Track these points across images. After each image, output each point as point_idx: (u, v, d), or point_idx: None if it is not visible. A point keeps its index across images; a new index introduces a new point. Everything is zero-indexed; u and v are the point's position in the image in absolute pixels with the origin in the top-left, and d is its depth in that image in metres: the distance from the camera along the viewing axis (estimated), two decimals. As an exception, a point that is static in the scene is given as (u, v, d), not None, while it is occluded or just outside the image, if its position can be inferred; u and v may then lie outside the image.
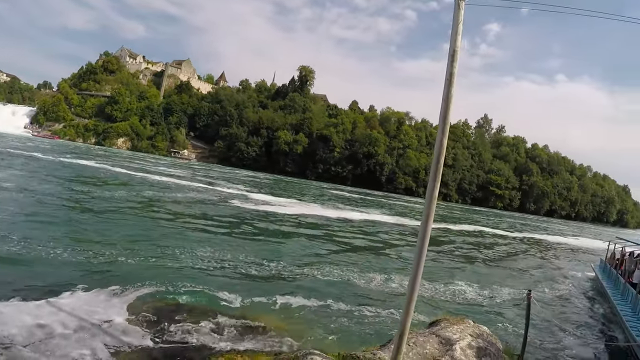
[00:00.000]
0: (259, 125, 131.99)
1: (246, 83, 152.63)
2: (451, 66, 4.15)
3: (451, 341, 6.43)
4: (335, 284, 13.32)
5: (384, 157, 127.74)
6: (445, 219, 53.01)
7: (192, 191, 35.27)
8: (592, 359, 11.11)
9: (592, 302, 17.76)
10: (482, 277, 18.81)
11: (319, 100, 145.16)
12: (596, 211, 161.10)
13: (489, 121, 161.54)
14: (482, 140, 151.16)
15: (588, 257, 34.04)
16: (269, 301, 10.49)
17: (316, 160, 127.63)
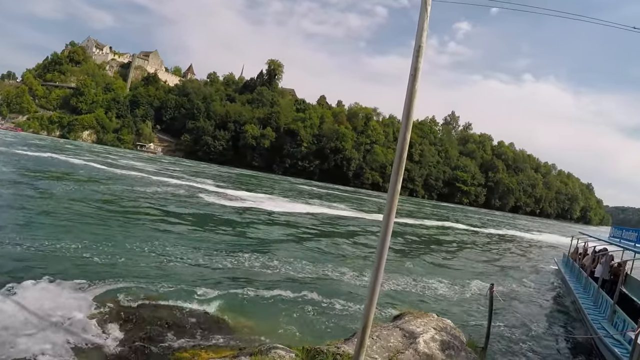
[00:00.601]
0: (226, 119, 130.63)
1: (214, 76, 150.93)
2: (416, 62, 4.00)
3: (415, 334, 6.50)
4: (302, 279, 13.18)
5: (351, 153, 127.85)
6: (413, 215, 52.83)
7: (160, 186, 34.41)
8: (554, 351, 11.10)
9: (555, 296, 17.88)
10: (447, 272, 18.83)
11: (287, 95, 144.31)
12: (560, 208, 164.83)
13: (456, 118, 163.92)
14: (449, 137, 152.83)
15: (552, 252, 34.10)
16: (235, 296, 10.36)
17: (283, 154, 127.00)
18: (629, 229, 14.99)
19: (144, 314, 8.07)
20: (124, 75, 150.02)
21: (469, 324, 11.49)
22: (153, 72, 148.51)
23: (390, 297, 12.79)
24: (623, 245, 14.11)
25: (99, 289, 9.07)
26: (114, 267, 10.93)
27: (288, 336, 8.26)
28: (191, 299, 9.50)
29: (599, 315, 11.52)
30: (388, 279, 14.83)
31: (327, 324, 9.65)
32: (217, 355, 6.23)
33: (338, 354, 5.28)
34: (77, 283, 9.16)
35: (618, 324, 10.06)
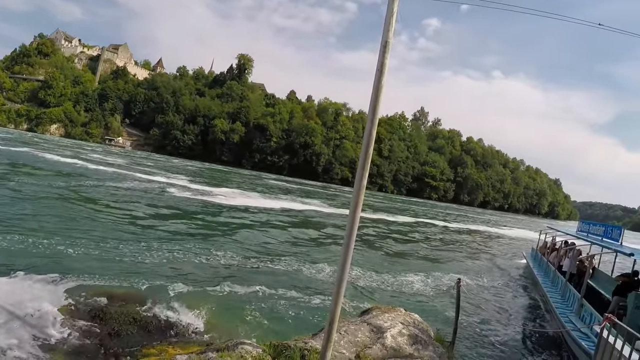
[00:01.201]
0: (195, 113, 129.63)
1: (184, 70, 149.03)
2: (383, 57, 4.05)
3: (382, 329, 6.47)
4: (272, 274, 13.16)
5: (321, 148, 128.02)
6: (382, 210, 53.03)
7: (130, 181, 33.91)
8: (523, 345, 11.14)
9: (523, 290, 18.00)
10: (415, 267, 18.84)
11: (257, 89, 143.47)
12: (528, 203, 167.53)
13: (426, 114, 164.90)
14: (418, 133, 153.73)
15: (521, 246, 34.05)
16: (204, 292, 10.30)
17: (252, 149, 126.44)
18: (595, 224, 15.39)
19: (112, 310, 8.00)
20: (93, 68, 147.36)
21: (437, 318, 11.55)
22: (122, 65, 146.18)
23: (358, 292, 12.89)
24: (590, 240, 14.41)
25: (67, 285, 9.00)
26: (84, 263, 10.81)
27: (257, 332, 8.31)
28: (160, 294, 9.44)
29: (567, 309, 11.58)
30: (356, 274, 14.90)
31: (296, 319, 9.70)
32: (185, 351, 6.22)
33: (305, 349, 5.28)
34: (45, 278, 9.09)
35: (585, 318, 10.14)
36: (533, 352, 10.67)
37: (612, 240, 13.03)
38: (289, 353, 5.15)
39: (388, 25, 3.98)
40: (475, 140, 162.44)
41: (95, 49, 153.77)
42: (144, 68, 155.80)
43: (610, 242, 13.00)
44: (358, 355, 5.62)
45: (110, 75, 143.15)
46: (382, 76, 4.05)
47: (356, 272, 15.11)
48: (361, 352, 5.70)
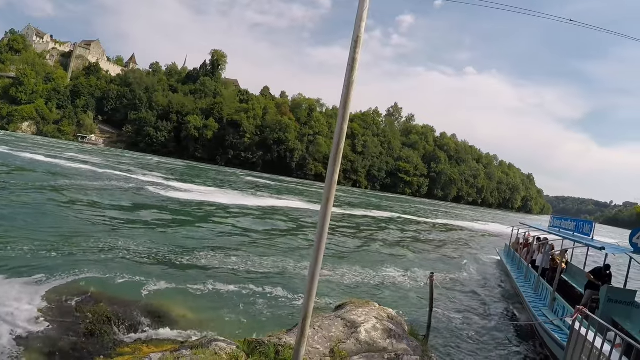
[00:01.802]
0: (168, 110, 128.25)
1: (157, 66, 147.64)
2: (354, 52, 4.08)
3: (356, 324, 6.48)
4: (246, 271, 13.14)
5: (295, 144, 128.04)
6: (355, 205, 53.33)
7: (106, 179, 33.46)
8: (497, 338, 11.20)
9: (497, 285, 18.12)
10: (390, 261, 18.87)
11: (231, 85, 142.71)
12: (502, 198, 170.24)
13: (399, 110, 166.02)
14: (392, 129, 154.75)
15: (494, 241, 34.44)
16: (179, 289, 10.27)
17: (226, 146, 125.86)
18: (567, 219, 15.41)
19: (86, 309, 7.91)
20: (65, 65, 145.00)
21: (411, 312, 11.68)
22: (95, 61, 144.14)
23: (333, 287, 12.94)
24: (562, 235, 14.46)
25: (40, 285, 8.95)
26: (57, 263, 10.69)
27: (231, 328, 8.31)
28: (135, 293, 9.44)
29: (540, 303, 11.75)
30: (331, 270, 14.97)
31: (270, 315, 9.74)
32: (159, 349, 6.15)
33: (280, 345, 5.30)
34: (17, 279, 9.04)
35: (558, 311, 10.29)
36: (507, 345, 10.81)
37: (583, 234, 13.06)
38: (263, 349, 5.17)
39: (359, 21, 4.04)
40: (449, 136, 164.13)
41: (67, 45, 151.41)
42: (116, 64, 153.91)
43: (582, 236, 13.01)
44: (332, 351, 5.67)
45: (83, 72, 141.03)
46: (353, 71, 4.11)
47: (329, 267, 15.21)
48: (335, 347, 5.75)
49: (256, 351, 5.13)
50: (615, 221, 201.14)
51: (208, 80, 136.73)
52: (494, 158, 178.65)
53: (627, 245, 10.25)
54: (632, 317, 9.84)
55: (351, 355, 5.65)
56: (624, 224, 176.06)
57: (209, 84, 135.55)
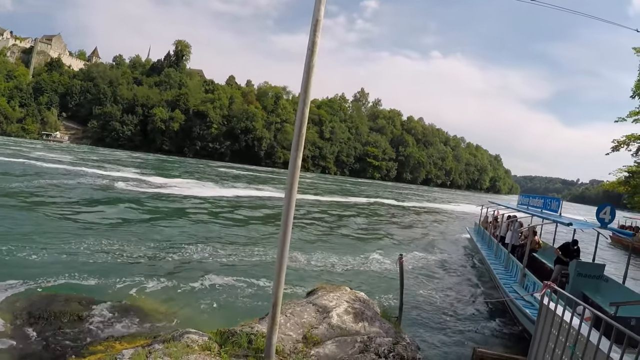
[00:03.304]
0: (133, 103, 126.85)
1: (120, 59, 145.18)
2: (313, 36, 4.01)
3: (328, 309, 6.51)
4: (217, 262, 13.08)
5: (262, 132, 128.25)
6: (325, 191, 53.54)
7: (74, 177, 32.58)
8: (469, 316, 11.30)
9: (468, 264, 18.24)
10: (362, 245, 19.13)
11: (195, 76, 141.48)
12: (470, 179, 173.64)
13: (366, 95, 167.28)
14: (359, 114, 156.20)
15: (464, 221, 34.42)
16: (152, 285, 10.17)
17: (193, 137, 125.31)
18: (535, 196, 15.59)
19: (57, 310, 7.78)
20: (26, 61, 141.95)
21: (383, 294, 11.67)
22: (57, 57, 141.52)
23: (305, 274, 12.96)
24: (531, 212, 14.62)
25: (10, 287, 8.81)
26: (29, 263, 10.60)
27: (205, 320, 8.29)
28: (106, 290, 9.37)
29: (511, 279, 11.83)
30: (302, 256, 15.00)
31: (243, 304, 9.72)
32: (131, 345, 6.09)
33: (252, 334, 5.30)
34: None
35: (528, 286, 10.40)
36: (480, 322, 10.85)
37: (551, 211, 13.26)
38: (236, 339, 5.17)
39: (319, 4, 4.01)
40: (416, 120, 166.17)
41: (28, 40, 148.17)
42: (79, 59, 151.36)
43: (549, 213, 13.19)
44: (305, 337, 5.68)
45: (45, 68, 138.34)
46: (314, 55, 4.06)
47: (302, 254, 15.25)
48: (308, 332, 5.77)
49: (229, 341, 5.14)
50: (583, 198, 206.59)
51: (173, 72, 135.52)
52: (462, 140, 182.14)
53: (594, 220, 10.55)
54: (602, 290, 10.16)
55: (324, 340, 5.68)
56: (590, 201, 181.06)
57: (173, 75, 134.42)
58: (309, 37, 4.03)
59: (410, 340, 6.32)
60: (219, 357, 4.74)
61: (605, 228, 10.38)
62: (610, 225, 10.59)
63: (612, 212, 10.05)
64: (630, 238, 14.39)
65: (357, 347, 5.43)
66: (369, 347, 5.47)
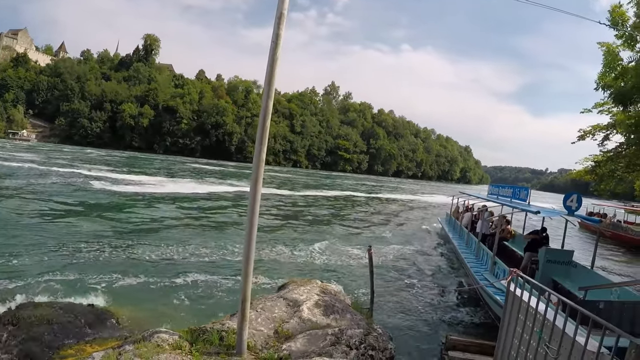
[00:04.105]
0: (102, 99, 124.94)
1: (88, 54, 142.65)
2: (278, 29, 4.01)
3: (298, 302, 6.55)
4: (186, 261, 12.96)
5: (233, 127, 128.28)
6: (296, 185, 53.68)
7: (43, 177, 31.70)
8: (441, 305, 11.43)
9: (440, 253, 18.43)
10: (334, 238, 19.01)
11: (165, 70, 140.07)
12: (441, 170, 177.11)
13: (337, 88, 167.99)
14: (329, 107, 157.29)
15: (435, 211, 34.97)
16: (120, 286, 10.06)
17: (163, 133, 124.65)
18: (504, 186, 15.60)
19: (25, 315, 7.52)
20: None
21: (354, 286, 11.77)
22: (22, 52, 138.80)
23: (277, 268, 12.99)
24: (500, 202, 14.59)
25: None
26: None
27: (176, 320, 8.15)
28: (76, 293, 9.16)
29: (481, 268, 11.86)
30: (275, 250, 15.13)
31: (214, 302, 9.71)
32: (102, 347, 6.08)
33: (223, 331, 5.31)
34: None
35: (499, 274, 10.38)
36: (452, 311, 11.00)
37: (520, 200, 13.30)
38: (207, 336, 5.18)
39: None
40: (387, 112, 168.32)
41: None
42: (46, 54, 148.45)
43: (518, 202, 13.23)
44: (276, 331, 5.73)
45: (10, 64, 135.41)
46: (277, 48, 4.02)
47: (274, 248, 15.39)
48: (279, 327, 5.82)
49: (200, 339, 5.15)
50: (552, 187, 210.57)
51: (142, 66, 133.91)
52: (432, 132, 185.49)
53: (562, 208, 10.55)
54: (571, 276, 10.41)
55: (295, 335, 5.70)
56: (559, 190, 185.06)
57: (142, 70, 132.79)
58: (273, 29, 4.03)
59: (382, 330, 6.42)
60: (190, 355, 4.77)
61: (573, 215, 10.43)
62: (579, 213, 10.69)
63: (578, 199, 10.11)
64: (597, 224, 15.40)
65: (329, 340, 5.48)
66: (340, 340, 5.52)
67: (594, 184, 19.32)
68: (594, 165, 17.48)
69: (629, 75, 11.86)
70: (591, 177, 17.91)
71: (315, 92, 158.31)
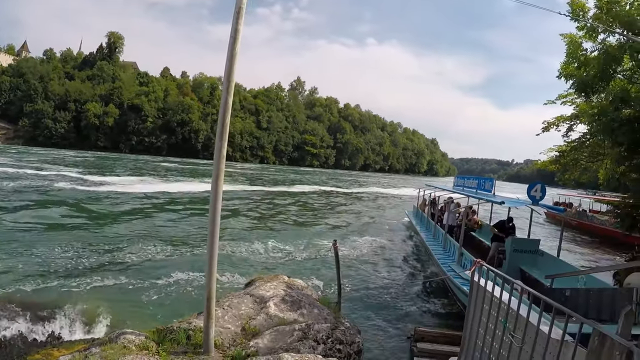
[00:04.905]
0: (66, 99, 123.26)
1: (51, 53, 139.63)
2: (236, 23, 4.00)
3: (265, 299, 6.58)
4: (153, 260, 12.94)
5: (199, 124, 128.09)
6: (263, 181, 54.05)
7: (14, 180, 30.98)
8: (409, 297, 11.55)
9: (407, 245, 18.78)
10: (301, 234, 19.31)
11: (129, 68, 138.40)
12: (408, 163, 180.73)
13: (302, 83, 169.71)
14: (295, 102, 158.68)
15: (403, 204, 35.02)
16: (87, 289, 9.93)
17: (129, 132, 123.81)
18: (469, 177, 15.72)
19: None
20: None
21: (322, 281, 11.82)
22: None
23: (243, 265, 13.03)
24: (466, 193, 14.64)
25: None
26: None
27: (144, 321, 8.09)
28: (44, 296, 9.11)
29: (449, 259, 11.95)
30: (243, 247, 15.18)
31: (185, 301, 9.64)
32: (69, 351, 5.98)
33: (190, 330, 5.32)
34: None
35: (466, 265, 10.40)
36: (420, 302, 11.15)
37: (485, 191, 13.36)
38: (174, 336, 5.17)
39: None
40: (353, 107, 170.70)
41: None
42: (7, 53, 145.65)
43: (484, 193, 13.31)
44: (243, 328, 5.74)
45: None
46: (236, 43, 4.00)
47: (242, 245, 15.43)
48: (246, 324, 5.83)
49: (167, 339, 5.12)
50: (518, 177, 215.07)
51: (105, 65, 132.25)
52: (398, 125, 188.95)
53: (527, 198, 10.61)
54: (538, 264, 10.56)
55: (262, 331, 5.71)
56: (526, 180, 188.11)
57: (106, 69, 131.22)
58: (232, 24, 3.99)
59: (350, 324, 6.47)
60: (157, 355, 4.72)
61: (537, 205, 10.54)
62: (543, 202, 10.83)
63: (542, 189, 10.18)
64: (562, 213, 15.96)
65: (296, 335, 5.47)
66: (308, 334, 5.51)
67: (559, 174, 19.26)
68: (558, 156, 17.45)
69: (591, 65, 11.84)
70: (556, 167, 17.87)
71: (281, 88, 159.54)
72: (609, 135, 10.97)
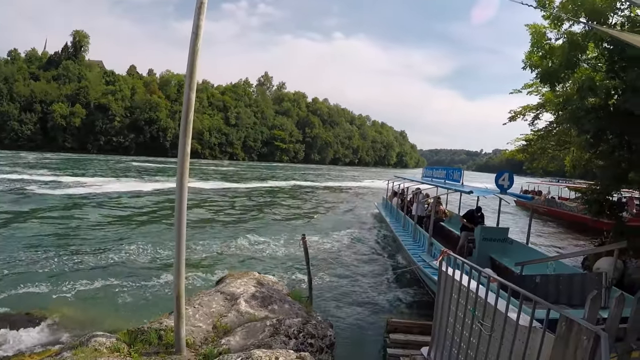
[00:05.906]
0: (31, 100, 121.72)
1: (15, 53, 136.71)
2: (198, 19, 3.98)
3: (235, 295, 6.57)
4: (121, 261, 12.92)
5: (167, 122, 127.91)
6: (232, 178, 54.09)
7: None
8: (380, 289, 11.65)
9: (377, 237, 18.92)
10: (271, 229, 19.36)
11: (95, 67, 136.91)
12: (377, 156, 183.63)
13: (270, 78, 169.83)
14: (263, 98, 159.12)
15: (373, 196, 35.39)
16: (58, 292, 9.94)
17: (96, 132, 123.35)
18: (438, 168, 15.97)
19: None
20: None
21: (292, 276, 11.99)
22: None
23: (214, 263, 13.08)
24: (434, 184, 14.88)
25: None
26: None
27: (116, 323, 8.06)
28: (13, 302, 9.08)
29: (419, 249, 12.10)
30: (211, 245, 15.27)
31: (156, 301, 9.64)
32: (40, 357, 6.06)
33: (162, 330, 5.28)
34: None
35: (436, 254, 10.44)
36: (392, 293, 11.21)
37: (453, 181, 13.53)
38: (145, 337, 5.13)
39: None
40: (321, 101, 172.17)
41: None
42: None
43: (452, 183, 13.45)
44: (215, 326, 5.73)
45: None
46: (198, 39, 3.96)
47: (211, 243, 15.54)
48: (217, 322, 5.80)
49: (138, 340, 5.09)
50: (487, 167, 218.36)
51: (71, 64, 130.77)
52: (367, 118, 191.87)
53: (495, 187, 10.62)
54: (507, 252, 10.71)
55: (234, 328, 5.69)
56: (495, 169, 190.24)
57: (72, 68, 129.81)
58: (193, 20, 3.95)
59: (322, 318, 6.48)
60: (129, 357, 4.71)
61: (505, 193, 10.55)
62: (511, 191, 10.86)
63: (510, 178, 10.22)
64: (530, 201, 16.71)
65: (267, 331, 5.48)
66: (279, 330, 5.52)
67: (527, 163, 19.25)
68: (525, 145, 17.43)
69: (555, 54, 11.72)
70: (523, 155, 17.83)
71: (249, 84, 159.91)
72: (575, 123, 11.00)
